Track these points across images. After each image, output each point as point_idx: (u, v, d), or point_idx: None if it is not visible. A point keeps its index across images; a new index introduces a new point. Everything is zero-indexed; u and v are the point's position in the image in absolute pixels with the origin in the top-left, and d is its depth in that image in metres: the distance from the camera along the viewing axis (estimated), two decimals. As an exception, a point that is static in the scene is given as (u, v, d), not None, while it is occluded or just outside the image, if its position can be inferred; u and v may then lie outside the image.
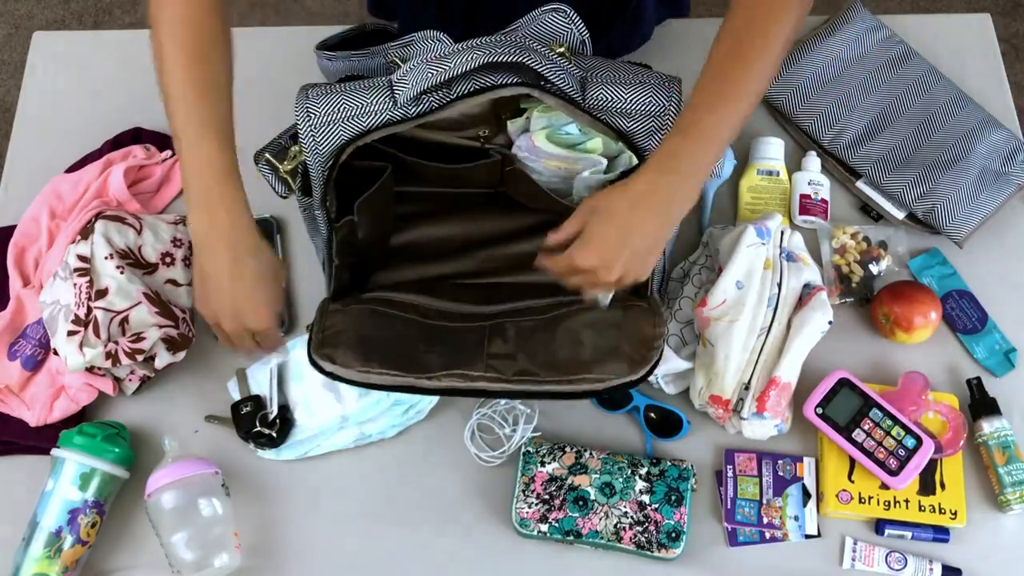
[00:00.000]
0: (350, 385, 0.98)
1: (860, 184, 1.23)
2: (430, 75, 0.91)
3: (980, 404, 1.10)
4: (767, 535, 1.07)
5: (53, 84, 1.34)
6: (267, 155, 1.00)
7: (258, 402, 1.10)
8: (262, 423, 1.09)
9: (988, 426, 1.09)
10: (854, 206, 1.25)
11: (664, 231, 0.92)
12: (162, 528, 1.03)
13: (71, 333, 1.07)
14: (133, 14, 2.30)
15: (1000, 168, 1.22)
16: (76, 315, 1.07)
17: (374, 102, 0.95)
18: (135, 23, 2.28)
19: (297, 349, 1.12)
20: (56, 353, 1.10)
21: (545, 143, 0.99)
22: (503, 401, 1.13)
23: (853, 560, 1.05)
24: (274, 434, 1.09)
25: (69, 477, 1.05)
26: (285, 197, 1.02)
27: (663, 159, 0.90)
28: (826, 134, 1.24)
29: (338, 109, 0.95)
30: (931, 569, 1.04)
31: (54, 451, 1.06)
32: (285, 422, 1.09)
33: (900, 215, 1.22)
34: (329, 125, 0.95)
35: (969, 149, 1.22)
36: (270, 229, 1.22)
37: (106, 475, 1.06)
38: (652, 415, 1.12)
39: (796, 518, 1.07)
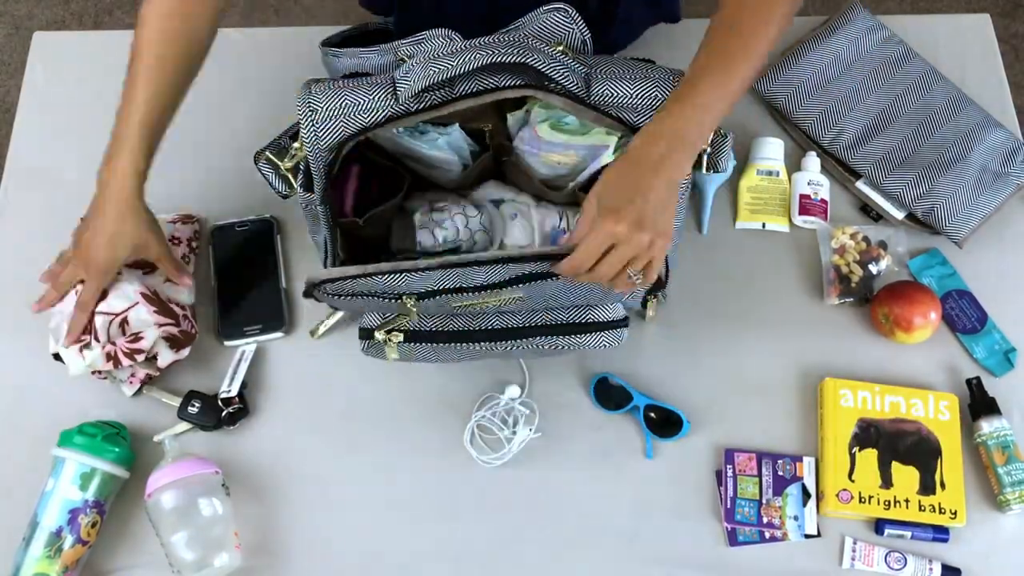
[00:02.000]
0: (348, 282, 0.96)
1: (860, 184, 1.23)
2: (432, 73, 0.92)
3: (980, 404, 1.10)
4: (767, 535, 1.07)
5: (53, 84, 1.34)
6: (268, 154, 1.00)
7: (196, 395, 1.13)
8: (226, 404, 1.12)
9: (988, 426, 1.09)
10: (854, 206, 1.25)
11: (669, 188, 0.90)
12: (162, 528, 1.03)
13: None
14: (133, 14, 2.29)
15: (1000, 168, 1.22)
16: None
17: (376, 99, 0.95)
18: (135, 23, 2.27)
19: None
20: (58, 358, 1.10)
21: (549, 132, 0.99)
22: (503, 402, 1.13)
23: (853, 560, 1.05)
24: (242, 405, 1.12)
25: (69, 477, 1.05)
26: (286, 196, 1.02)
27: (659, 123, 0.90)
28: (826, 134, 1.24)
29: (340, 105, 0.95)
30: (931, 569, 1.04)
31: (54, 450, 1.06)
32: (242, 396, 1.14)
33: (900, 215, 1.22)
34: (331, 120, 0.95)
35: (969, 149, 1.22)
36: (270, 229, 1.23)
37: (106, 475, 1.06)
38: (652, 415, 1.12)
39: (796, 518, 1.07)
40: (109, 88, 1.34)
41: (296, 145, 0.99)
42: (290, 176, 1.01)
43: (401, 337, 1.03)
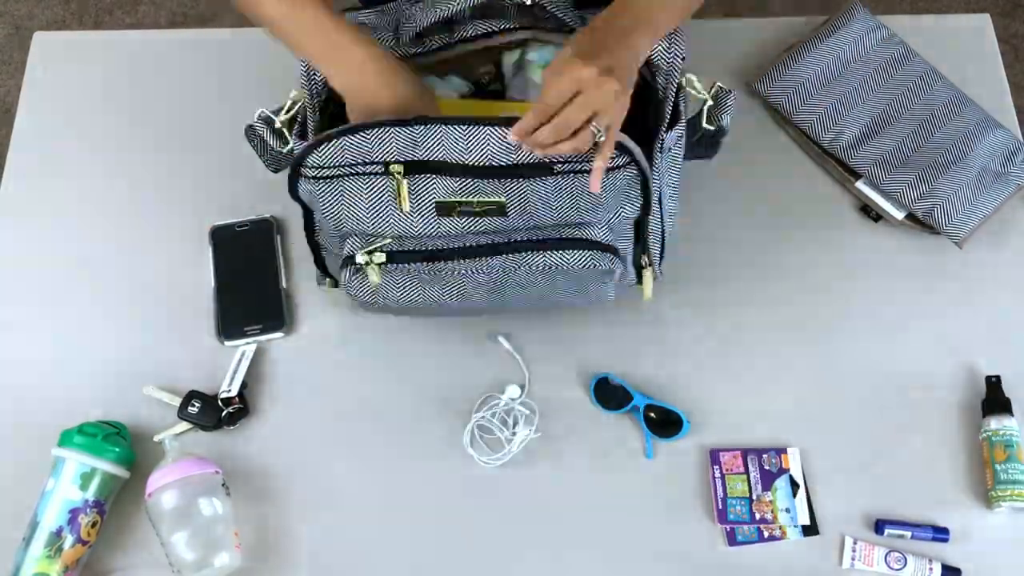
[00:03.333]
0: None
1: (860, 184, 1.23)
2: (432, 14, 0.93)
3: (994, 402, 1.11)
4: (765, 533, 1.07)
5: (53, 84, 1.34)
6: (263, 111, 1.00)
7: (196, 395, 1.13)
8: (226, 404, 1.12)
9: (996, 423, 1.09)
10: (854, 206, 1.25)
11: (633, 56, 0.91)
12: (162, 528, 1.03)
13: None
14: (133, 14, 2.29)
15: (1000, 168, 1.22)
16: None
17: (378, 38, 0.97)
18: (135, 23, 2.27)
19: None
20: None
21: (540, 77, 1.00)
22: (503, 402, 1.13)
23: (853, 559, 1.05)
24: (242, 405, 1.12)
25: (70, 476, 1.05)
26: (276, 168, 1.02)
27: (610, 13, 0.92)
28: (826, 134, 1.24)
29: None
30: (931, 569, 1.04)
31: (54, 450, 1.06)
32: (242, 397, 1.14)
33: (900, 215, 1.22)
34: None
35: (969, 149, 1.22)
36: (270, 229, 1.23)
37: (106, 475, 1.06)
38: (652, 415, 1.12)
39: (788, 510, 1.07)
40: (109, 88, 1.34)
41: (293, 94, 0.99)
42: (285, 130, 1.00)
43: (383, 258, 0.98)
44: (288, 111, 0.99)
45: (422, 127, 0.91)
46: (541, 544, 1.08)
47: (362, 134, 0.92)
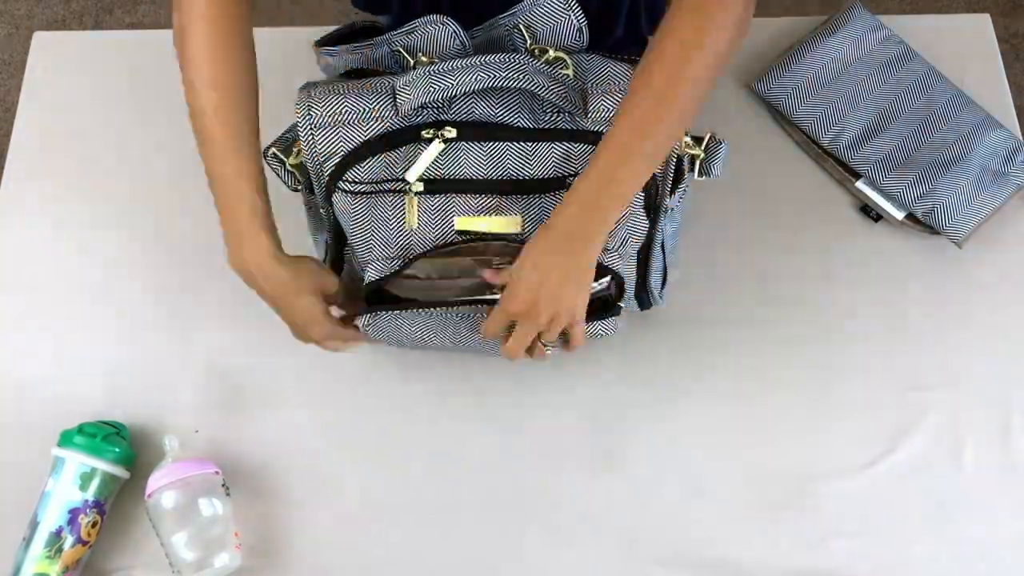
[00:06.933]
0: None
1: (860, 184, 1.23)
2: (432, 90, 0.92)
3: None
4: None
5: (53, 84, 1.34)
6: (274, 149, 1.00)
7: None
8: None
9: None
10: (854, 206, 1.25)
11: (578, 270, 0.93)
12: (162, 528, 1.03)
13: None
14: (133, 14, 2.30)
15: (1000, 168, 1.22)
16: None
17: (376, 107, 0.95)
18: (135, 23, 2.28)
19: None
20: None
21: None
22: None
23: None
24: None
25: (69, 477, 1.05)
26: (296, 190, 1.03)
27: (568, 215, 0.91)
28: (826, 134, 1.24)
29: (340, 112, 0.95)
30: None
31: (54, 451, 1.07)
32: None
33: (900, 215, 1.22)
34: (329, 128, 0.95)
35: (969, 149, 1.22)
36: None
37: (106, 475, 1.06)
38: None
39: None
40: (109, 88, 1.34)
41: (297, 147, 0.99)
42: (296, 172, 1.01)
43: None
44: (297, 154, 0.99)
45: (451, 144, 0.94)
46: (541, 543, 1.08)
47: (400, 150, 0.95)
